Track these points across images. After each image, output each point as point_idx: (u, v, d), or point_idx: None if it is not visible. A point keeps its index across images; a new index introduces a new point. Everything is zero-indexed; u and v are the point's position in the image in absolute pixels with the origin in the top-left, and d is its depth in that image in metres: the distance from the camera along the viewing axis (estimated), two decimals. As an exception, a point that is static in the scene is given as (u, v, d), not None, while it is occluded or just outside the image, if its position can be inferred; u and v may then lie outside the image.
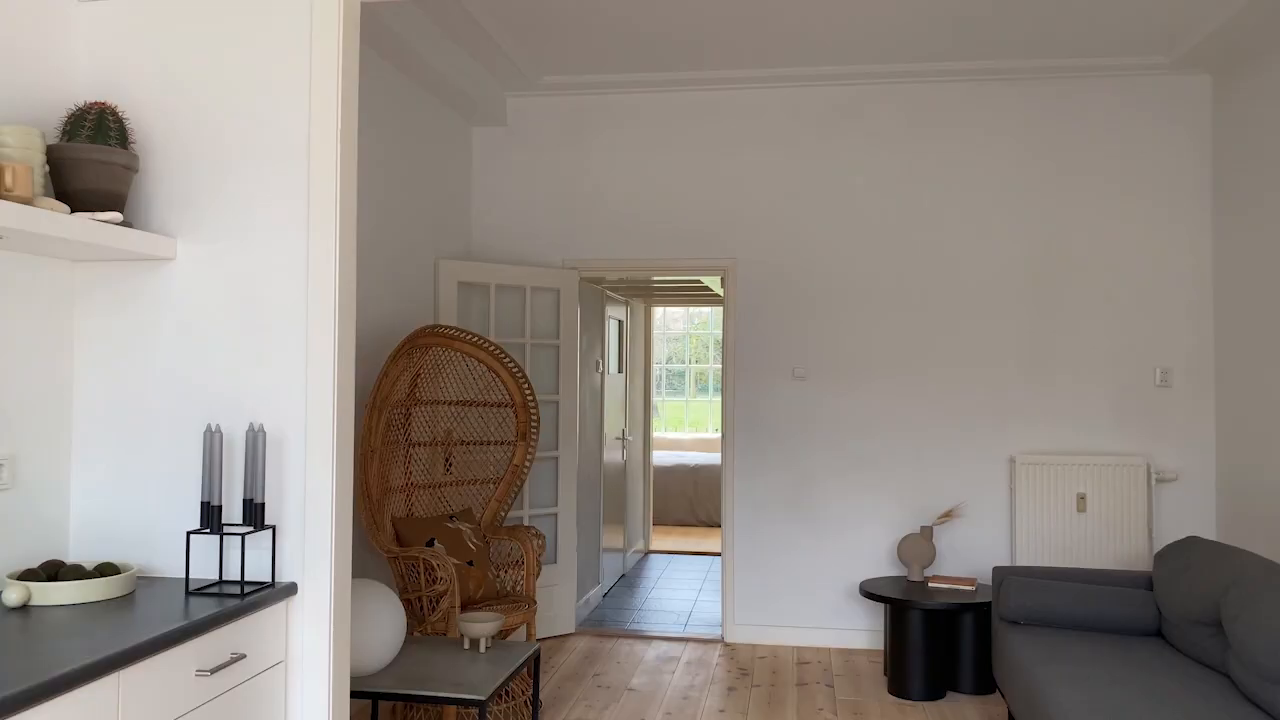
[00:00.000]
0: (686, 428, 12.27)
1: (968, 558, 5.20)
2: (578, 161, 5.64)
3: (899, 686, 4.54)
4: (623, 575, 7.31)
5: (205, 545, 2.48)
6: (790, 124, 5.44)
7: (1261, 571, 3.32)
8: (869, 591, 4.69)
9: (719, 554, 7.50)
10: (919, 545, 4.87)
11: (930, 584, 4.79)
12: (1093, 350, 5.16)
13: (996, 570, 4.23)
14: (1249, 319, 4.70)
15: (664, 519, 9.67)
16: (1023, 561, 5.02)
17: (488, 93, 5.37)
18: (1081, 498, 5.01)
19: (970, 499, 5.21)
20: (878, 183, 5.35)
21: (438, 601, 3.93)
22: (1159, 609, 3.92)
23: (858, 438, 5.33)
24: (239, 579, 2.43)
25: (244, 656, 2.21)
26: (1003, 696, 4.33)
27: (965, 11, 4.45)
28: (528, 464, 4.68)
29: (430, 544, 4.17)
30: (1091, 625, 3.97)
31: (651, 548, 8.47)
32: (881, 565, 5.29)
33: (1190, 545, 3.92)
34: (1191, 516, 5.06)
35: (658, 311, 12.23)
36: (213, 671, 2.09)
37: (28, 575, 2.24)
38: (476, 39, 4.78)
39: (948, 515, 5.03)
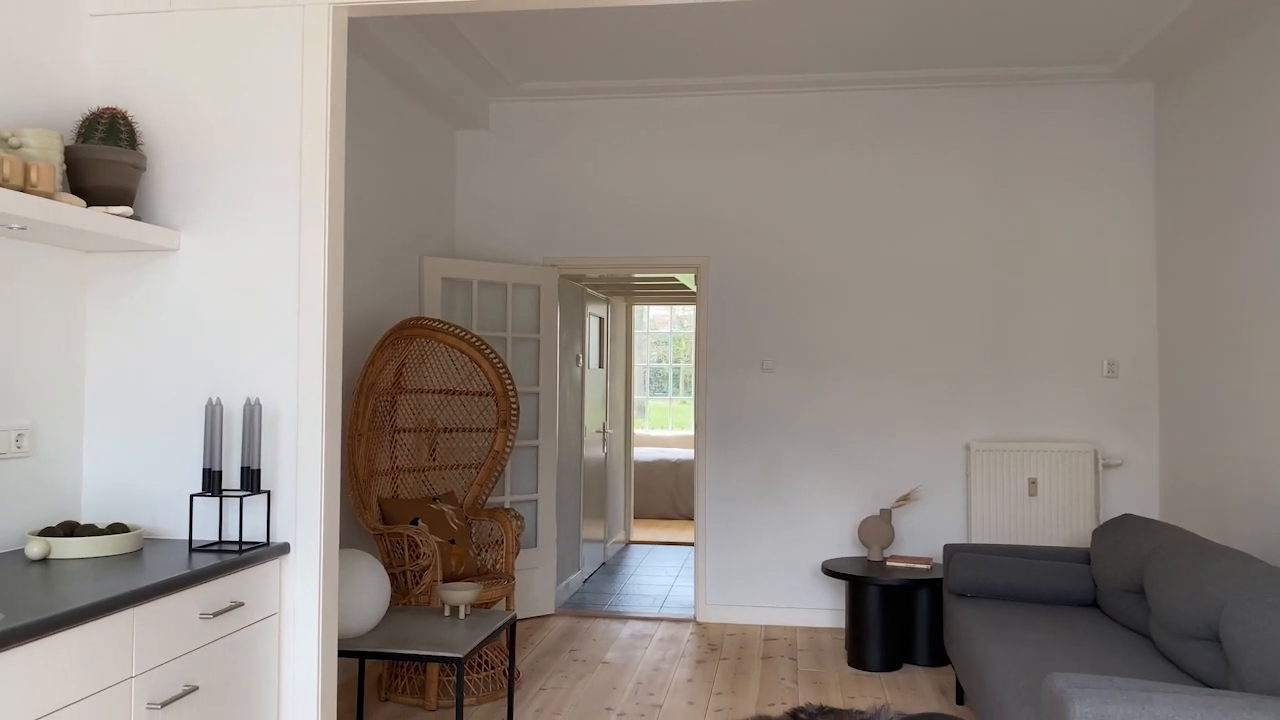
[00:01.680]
0: (671, 426, 12.54)
1: (925, 539, 5.48)
2: (557, 163, 5.91)
3: (858, 658, 4.81)
4: (603, 563, 7.57)
5: (206, 508, 2.73)
6: (759, 128, 5.72)
7: (1180, 542, 3.60)
8: (830, 570, 4.96)
9: (695, 549, 7.75)
10: (878, 527, 5.14)
11: (889, 563, 5.06)
12: (1044, 343, 5.45)
13: (947, 548, 4.51)
14: (1190, 315, 4.99)
15: (646, 512, 9.94)
16: (977, 542, 5.30)
17: (470, 98, 5.63)
18: (1033, 482, 5.30)
19: (928, 483, 5.50)
20: (842, 184, 5.64)
21: (421, 575, 4.19)
22: (1095, 581, 4.20)
23: (823, 426, 5.61)
24: (237, 539, 2.68)
25: (242, 604, 2.47)
26: (952, 667, 4.60)
27: (923, 23, 4.73)
28: (508, 450, 4.94)
29: (414, 523, 4.42)
30: (1033, 597, 4.25)
31: (632, 538, 8.74)
32: (844, 547, 5.57)
33: (1123, 522, 4.20)
34: (1135, 500, 5.35)
35: (645, 314, 12.49)
36: (215, 615, 2.34)
37: (46, 532, 2.49)
38: (459, 47, 5.04)
39: (906, 499, 5.31)
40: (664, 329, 12.70)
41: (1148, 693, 2.35)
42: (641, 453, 10.25)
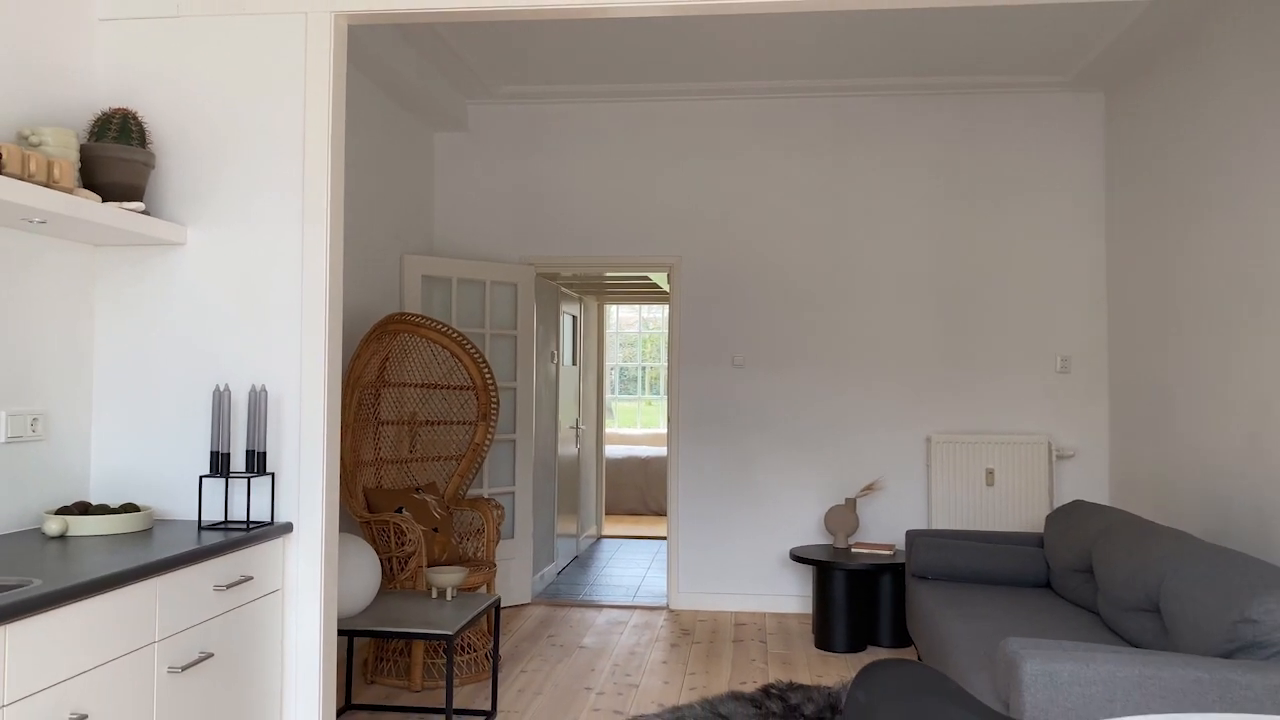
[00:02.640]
0: (640, 425, 12.73)
1: (888, 527, 5.72)
2: (534, 165, 6.08)
3: (824, 640, 5.03)
4: (576, 556, 7.74)
5: (213, 490, 2.87)
6: (730, 133, 5.93)
7: (1125, 523, 3.86)
8: (798, 556, 5.18)
9: (667, 537, 7.95)
10: (844, 515, 5.37)
11: (854, 549, 5.29)
12: (1001, 341, 5.71)
13: (909, 533, 4.73)
14: (1137, 312, 5.26)
15: (616, 508, 10.12)
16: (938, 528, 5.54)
17: (449, 100, 5.79)
18: (990, 472, 5.55)
19: (890, 474, 5.73)
20: (808, 187, 5.86)
21: (407, 561, 4.34)
22: (1047, 563, 4.45)
23: (790, 419, 5.83)
24: (244, 519, 2.83)
25: (251, 579, 2.62)
26: (915, 647, 4.83)
27: (885, 33, 4.97)
28: (488, 443, 5.10)
29: (399, 512, 4.57)
30: (990, 578, 4.49)
31: (604, 533, 8.91)
32: (811, 535, 5.79)
33: (1074, 507, 4.46)
34: (1087, 488, 5.62)
35: (615, 315, 12.67)
36: (227, 588, 2.49)
37: (62, 511, 2.62)
38: (439, 51, 5.20)
39: (870, 488, 5.54)
40: (631, 329, 12.87)
41: (1091, 651, 2.58)
42: (612, 450, 10.43)
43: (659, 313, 12.67)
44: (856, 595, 5.01)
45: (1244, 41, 4.16)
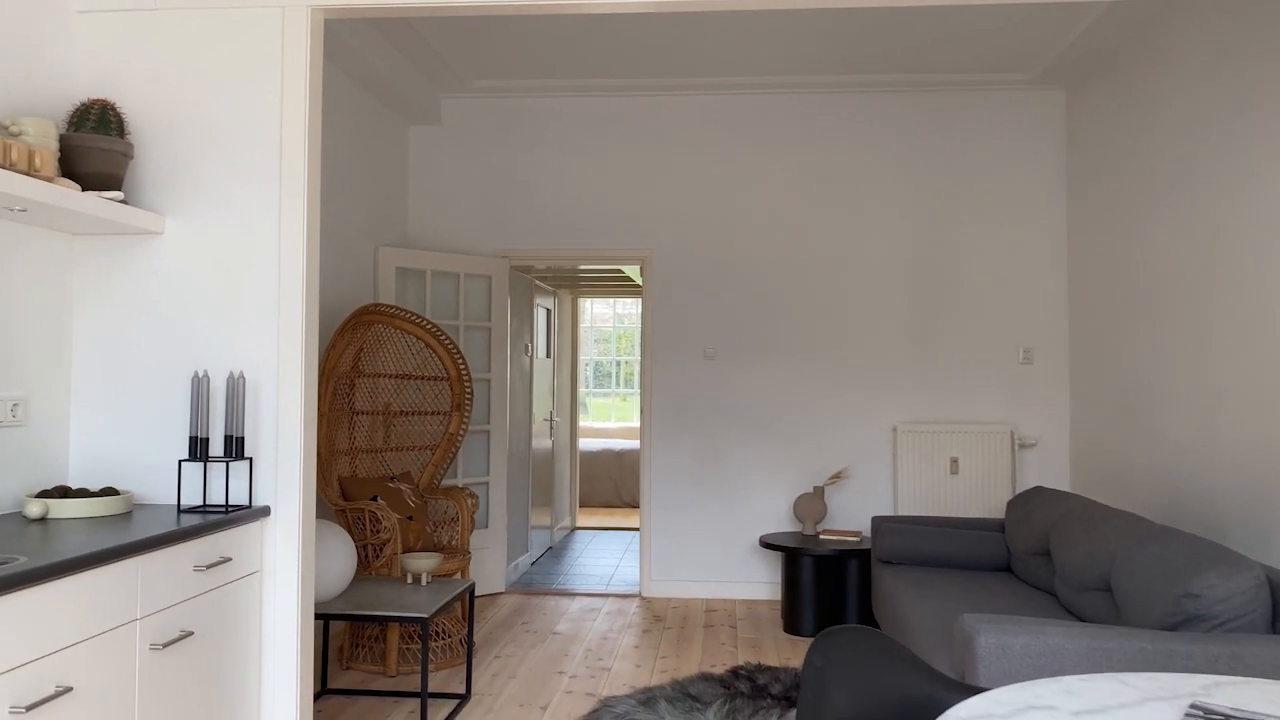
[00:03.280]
0: (615, 419, 12.81)
1: (855, 514, 5.84)
2: (508, 159, 6.14)
3: (793, 625, 5.14)
4: (550, 547, 7.81)
5: (191, 474, 2.93)
6: (701, 128, 6.02)
7: (1082, 508, 3.99)
8: (768, 543, 5.28)
9: (640, 529, 8.04)
10: (812, 503, 5.48)
11: (821, 536, 5.40)
12: (965, 332, 5.84)
13: (875, 519, 4.85)
14: (1098, 305, 5.41)
15: (590, 501, 10.20)
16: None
17: (423, 94, 5.83)
18: (955, 461, 5.68)
19: (858, 463, 5.86)
20: (778, 182, 5.96)
21: (382, 548, 4.40)
22: (1008, 547, 4.58)
23: (761, 410, 5.93)
24: (222, 502, 2.88)
25: (230, 560, 2.68)
26: (880, 628, 4.95)
27: (854, 30, 5.07)
28: (462, 433, 5.16)
29: (374, 500, 4.62)
30: (953, 563, 4.61)
31: (578, 525, 8.99)
32: (780, 523, 5.90)
33: (1034, 494, 4.59)
34: (1049, 475, 5.77)
35: (589, 311, 12.73)
36: (207, 568, 2.55)
37: (43, 494, 2.67)
38: (413, 45, 5.25)
39: (837, 477, 5.65)
40: (606, 325, 12.95)
41: (1043, 625, 2.69)
42: (586, 444, 10.51)
43: (633, 308, 12.75)
44: (824, 580, 5.12)
45: (1200, 40, 4.30)
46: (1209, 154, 4.18)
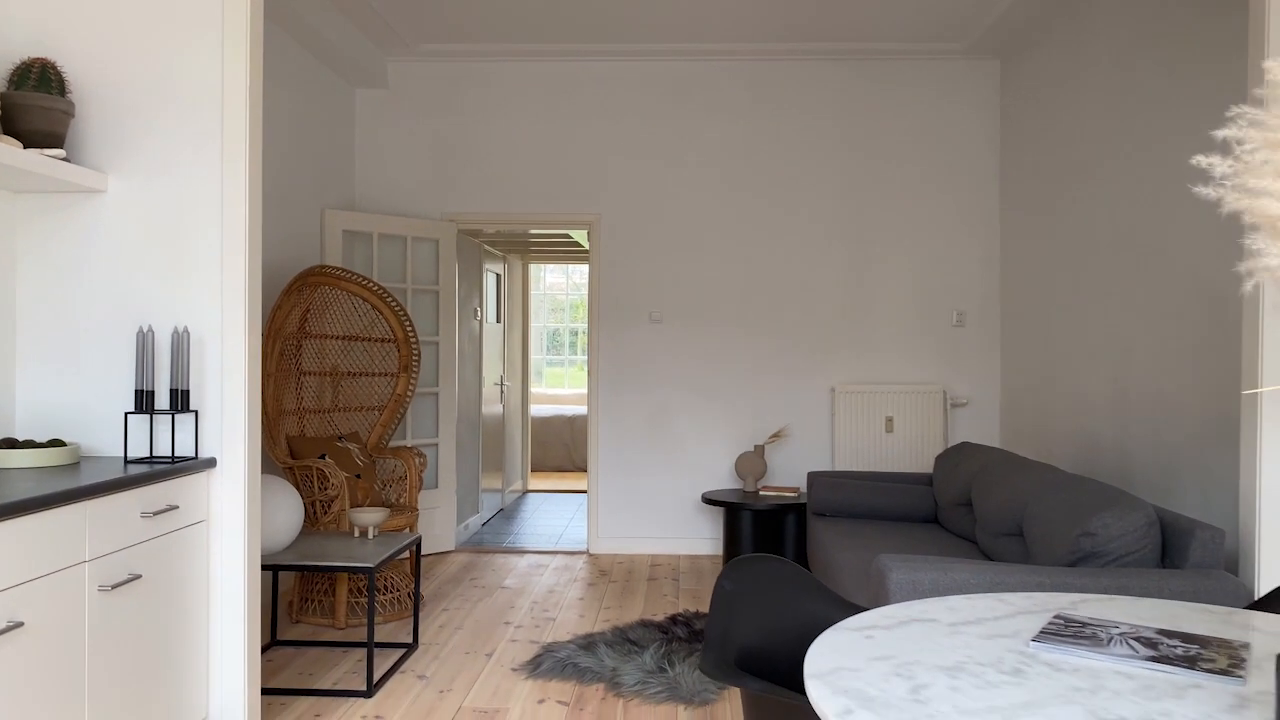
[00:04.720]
0: (567, 386, 12.93)
1: (794, 471, 6.04)
2: (455, 123, 6.19)
3: (733, 577, 5.33)
4: (500, 509, 7.95)
5: (138, 427, 3.00)
6: (646, 94, 6.11)
7: (1001, 460, 4.20)
8: (710, 499, 5.46)
9: (588, 489, 8.20)
10: (753, 461, 5.66)
11: (761, 492, 5.59)
12: (900, 296, 6.03)
13: (810, 474, 5.04)
14: (1027, 270, 5.63)
15: (543, 465, 10.34)
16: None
17: (369, 57, 5.85)
18: (890, 420, 5.90)
19: (797, 422, 6.05)
20: (721, 148, 6.09)
21: (330, 504, 4.50)
22: (935, 499, 4.80)
23: (704, 372, 6.09)
24: (169, 454, 2.97)
25: (177, 508, 2.77)
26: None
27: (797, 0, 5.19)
28: (409, 394, 5.26)
29: (322, 458, 4.71)
30: (883, 514, 4.82)
31: (530, 488, 9.13)
32: (723, 480, 6.09)
33: (960, 448, 4.80)
34: (979, 433, 6.01)
35: (542, 280, 12.79)
36: (154, 515, 2.65)
37: (-10, 446, 2.74)
38: (358, 8, 5.27)
39: (777, 436, 5.84)
40: (560, 294, 13.01)
41: (950, 562, 2.88)
42: (539, 409, 10.63)
43: (587, 276, 12.83)
44: (763, 534, 5.32)
45: (1124, 13, 4.48)
46: (1128, 125, 4.38)
